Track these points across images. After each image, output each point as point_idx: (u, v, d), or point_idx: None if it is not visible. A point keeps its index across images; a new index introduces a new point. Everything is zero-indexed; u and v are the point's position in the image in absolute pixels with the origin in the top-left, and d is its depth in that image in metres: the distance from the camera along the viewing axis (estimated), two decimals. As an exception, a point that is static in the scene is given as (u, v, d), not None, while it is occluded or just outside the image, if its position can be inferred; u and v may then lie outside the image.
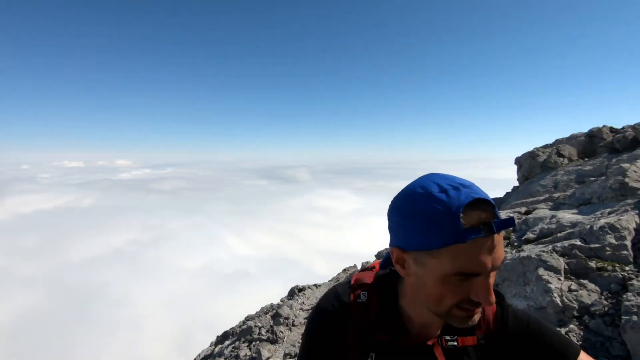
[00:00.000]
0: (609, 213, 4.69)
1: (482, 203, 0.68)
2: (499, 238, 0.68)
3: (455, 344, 0.82)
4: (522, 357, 0.83)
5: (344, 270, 14.82)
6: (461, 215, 0.67)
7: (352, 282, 0.93)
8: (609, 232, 3.60)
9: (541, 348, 0.81)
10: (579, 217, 5.09)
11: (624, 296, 2.93)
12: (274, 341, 10.70)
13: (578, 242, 3.73)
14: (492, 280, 0.70)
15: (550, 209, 6.85)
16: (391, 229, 0.75)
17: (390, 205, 0.76)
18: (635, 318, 2.65)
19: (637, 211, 4.05)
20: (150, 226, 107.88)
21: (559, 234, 4.55)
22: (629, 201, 4.68)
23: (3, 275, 62.02)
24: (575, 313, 3.15)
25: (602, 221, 3.80)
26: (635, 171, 5.16)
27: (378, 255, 14.38)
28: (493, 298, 0.70)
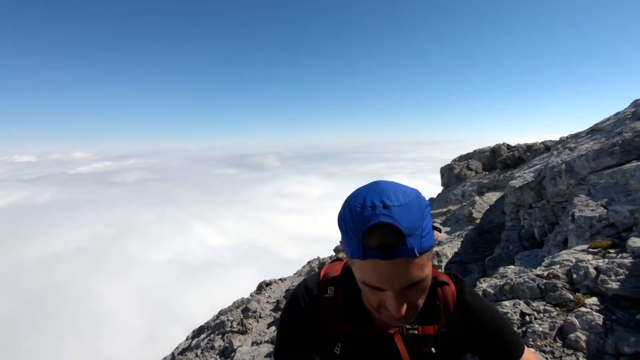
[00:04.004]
0: (457, 235, 6.90)
1: (388, 227, 0.70)
2: (405, 262, 0.71)
3: (416, 332, 0.91)
4: (476, 346, 0.93)
5: (308, 262, 16.90)
6: (363, 235, 0.71)
7: (321, 275, 1.03)
8: (436, 257, 5.73)
9: (493, 338, 0.92)
10: (442, 236, 7.29)
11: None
12: (243, 332, 12.72)
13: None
14: (412, 295, 0.75)
15: (440, 223, 9.11)
16: None
17: None
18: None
19: (462, 238, 6.23)
20: (115, 220, 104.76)
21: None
22: (469, 227, 6.89)
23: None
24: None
25: (435, 249, 5.93)
26: (480, 204, 7.40)
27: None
28: (401, 313, 0.74)
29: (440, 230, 0.86)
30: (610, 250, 3.03)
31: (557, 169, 5.17)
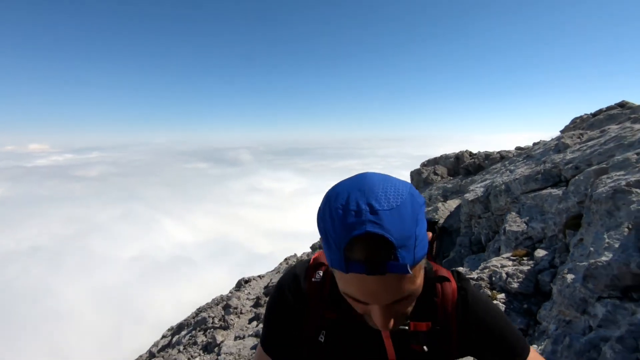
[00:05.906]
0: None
1: (375, 238, 0.58)
2: (395, 277, 0.60)
3: (406, 327, 0.81)
4: (475, 346, 0.83)
5: (285, 259, 17.70)
6: (346, 246, 0.59)
7: (311, 261, 0.96)
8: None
9: (495, 341, 0.82)
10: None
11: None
12: (226, 327, 13.45)
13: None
14: (401, 306, 0.67)
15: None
16: None
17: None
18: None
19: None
20: (75, 218, 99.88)
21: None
22: (431, 232, 8.08)
23: None
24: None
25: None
26: (442, 210, 8.63)
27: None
28: (387, 327, 0.66)
29: (435, 229, 0.82)
30: (524, 258, 4.20)
31: (498, 188, 6.43)
